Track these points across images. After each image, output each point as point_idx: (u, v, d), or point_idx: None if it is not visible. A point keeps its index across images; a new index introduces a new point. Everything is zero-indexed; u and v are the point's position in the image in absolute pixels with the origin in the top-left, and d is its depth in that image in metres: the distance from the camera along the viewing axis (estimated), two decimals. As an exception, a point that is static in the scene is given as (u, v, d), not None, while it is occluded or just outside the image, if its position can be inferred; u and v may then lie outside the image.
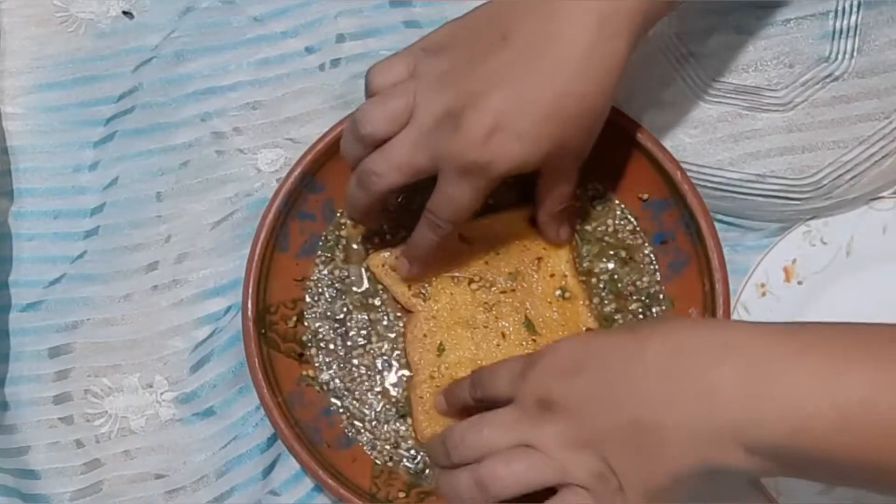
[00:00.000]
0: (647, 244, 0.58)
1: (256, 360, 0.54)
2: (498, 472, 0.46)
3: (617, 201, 0.59)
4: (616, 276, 0.58)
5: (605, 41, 0.46)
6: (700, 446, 0.41)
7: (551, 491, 0.46)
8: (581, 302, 0.56)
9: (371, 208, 0.53)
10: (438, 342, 0.56)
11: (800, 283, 0.58)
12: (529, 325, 0.56)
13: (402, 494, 0.55)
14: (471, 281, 0.57)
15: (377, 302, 0.58)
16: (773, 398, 0.40)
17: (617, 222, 0.59)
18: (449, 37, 0.50)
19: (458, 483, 0.48)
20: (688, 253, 0.56)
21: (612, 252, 0.58)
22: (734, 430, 0.40)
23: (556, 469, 0.45)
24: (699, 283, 0.55)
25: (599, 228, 0.59)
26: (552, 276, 0.57)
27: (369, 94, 0.52)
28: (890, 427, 0.38)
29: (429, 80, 0.49)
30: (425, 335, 0.56)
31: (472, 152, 0.47)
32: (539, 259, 0.57)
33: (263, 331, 0.56)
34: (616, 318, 0.57)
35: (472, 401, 0.52)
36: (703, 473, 0.42)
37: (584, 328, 0.56)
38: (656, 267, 0.58)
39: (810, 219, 0.58)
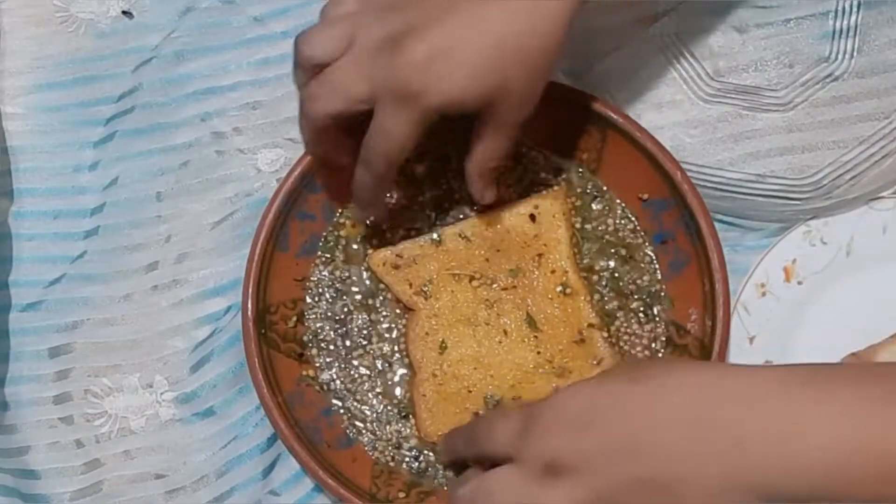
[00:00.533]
0: (647, 243, 0.58)
1: (256, 360, 0.54)
2: None
3: (618, 200, 0.59)
4: (617, 275, 0.58)
5: None
6: (718, 501, 0.40)
7: None
8: (582, 298, 0.56)
9: (371, 188, 0.52)
10: (440, 340, 0.56)
11: (800, 283, 0.58)
12: (531, 322, 0.56)
13: (402, 494, 0.55)
14: (472, 278, 0.57)
15: (377, 302, 0.58)
16: (801, 449, 0.39)
17: (618, 221, 0.59)
18: None
19: None
20: (688, 253, 0.56)
21: (612, 250, 0.58)
22: (754, 483, 0.39)
23: None
24: (699, 283, 0.55)
25: (600, 227, 0.59)
26: (553, 272, 0.57)
27: (306, 60, 0.49)
28: None
29: (374, 9, 0.47)
30: (427, 333, 0.56)
31: (410, 77, 0.45)
32: (540, 255, 0.57)
33: (263, 331, 0.56)
34: (618, 315, 0.57)
35: (468, 461, 0.50)
36: None
37: (585, 324, 0.56)
38: (657, 266, 0.58)
39: (810, 219, 0.58)
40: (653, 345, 0.57)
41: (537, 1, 0.45)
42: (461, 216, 0.59)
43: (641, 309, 0.57)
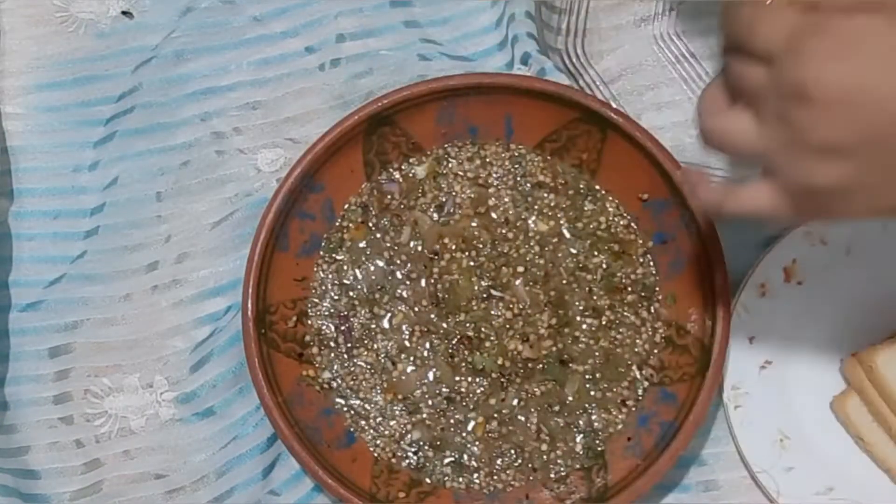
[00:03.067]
0: (640, 239, 0.58)
1: (256, 360, 0.54)
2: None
3: (611, 199, 0.59)
4: (610, 270, 0.58)
5: None
6: None
7: None
8: None
9: None
10: None
11: (800, 283, 0.58)
12: None
13: (402, 494, 0.55)
14: None
15: (381, 299, 0.58)
16: None
17: (610, 219, 0.59)
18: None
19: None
20: (688, 253, 0.56)
21: (604, 246, 0.58)
22: None
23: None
24: (699, 283, 0.55)
25: (591, 224, 0.59)
26: None
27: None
28: None
29: (802, 149, 0.39)
30: None
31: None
32: None
33: (263, 331, 0.56)
34: (616, 309, 0.57)
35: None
36: None
37: None
38: (651, 260, 0.58)
39: (810, 219, 0.58)
40: (654, 339, 0.57)
41: None
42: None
43: (638, 302, 0.57)
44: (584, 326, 0.58)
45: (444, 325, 0.58)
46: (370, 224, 0.59)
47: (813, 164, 0.38)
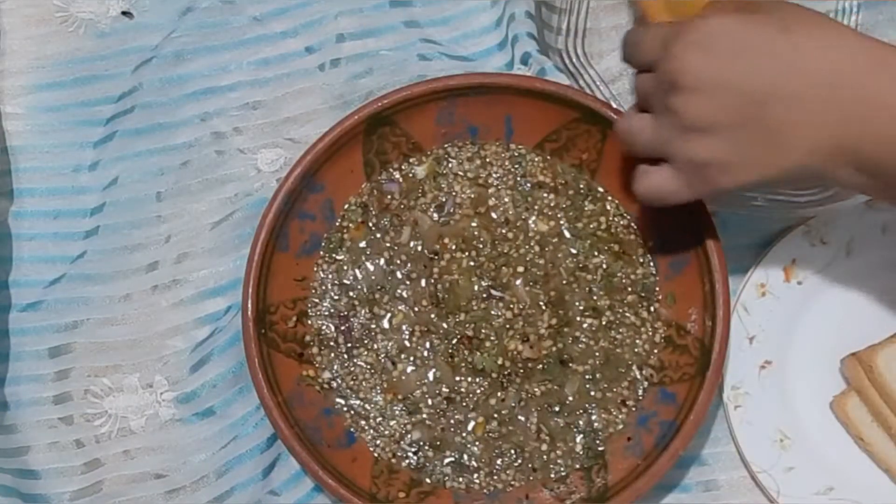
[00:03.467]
0: (640, 238, 0.58)
1: (256, 360, 0.54)
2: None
3: (611, 199, 0.59)
4: (610, 270, 0.58)
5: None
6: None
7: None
8: None
9: None
10: None
11: (799, 283, 0.58)
12: None
13: (402, 494, 0.55)
14: None
15: (381, 299, 0.58)
16: None
17: (610, 219, 0.59)
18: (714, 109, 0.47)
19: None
20: (688, 253, 0.56)
21: (604, 246, 0.58)
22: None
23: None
24: (699, 283, 0.55)
25: (591, 224, 0.59)
26: None
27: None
28: None
29: (678, 127, 0.48)
30: None
31: (715, 193, 0.49)
32: None
33: (263, 331, 0.56)
34: (616, 309, 0.57)
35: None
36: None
37: None
38: (651, 260, 0.58)
39: (810, 219, 0.58)
40: (654, 339, 0.57)
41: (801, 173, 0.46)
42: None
43: (637, 302, 0.57)
44: (585, 326, 0.58)
45: (444, 325, 0.58)
46: (370, 224, 0.59)
47: (693, 142, 0.47)
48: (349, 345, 0.58)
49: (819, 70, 0.44)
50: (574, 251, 0.59)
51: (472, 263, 0.59)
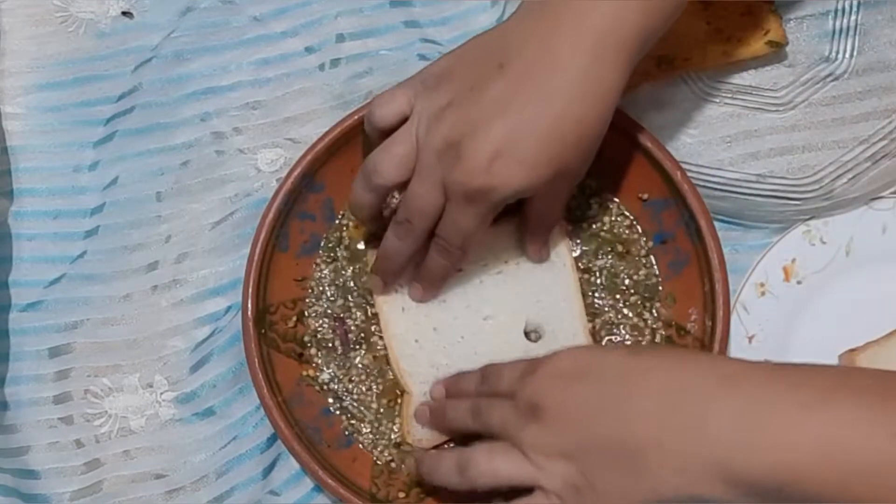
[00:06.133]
0: (643, 238, 0.58)
1: (256, 360, 0.54)
2: (479, 461, 0.48)
3: (614, 198, 0.59)
4: (613, 271, 0.58)
5: (601, 64, 0.47)
6: (682, 477, 0.42)
7: (528, 490, 0.47)
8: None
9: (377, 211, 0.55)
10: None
11: (799, 282, 0.58)
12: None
13: (401, 494, 0.55)
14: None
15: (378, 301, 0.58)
16: (762, 429, 0.41)
17: (613, 219, 0.59)
18: (446, 69, 0.50)
19: (440, 462, 0.51)
20: (688, 253, 0.56)
21: (608, 247, 0.58)
22: (719, 463, 0.41)
23: (531, 472, 0.46)
24: (699, 283, 0.55)
25: (595, 225, 0.59)
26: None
27: (372, 126, 0.52)
28: (865, 468, 0.39)
29: (428, 116, 0.49)
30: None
31: (476, 180, 0.48)
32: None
33: (263, 331, 0.56)
34: (620, 310, 0.57)
35: (475, 394, 0.53)
36: (680, 501, 0.43)
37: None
38: (654, 261, 0.58)
39: (810, 219, 0.58)
40: (655, 339, 0.57)
41: (591, 83, 0.47)
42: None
43: (640, 303, 0.57)
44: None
45: (444, 325, 0.58)
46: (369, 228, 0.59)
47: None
48: (346, 346, 0.58)
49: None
50: (576, 252, 0.58)
51: (471, 263, 0.59)
